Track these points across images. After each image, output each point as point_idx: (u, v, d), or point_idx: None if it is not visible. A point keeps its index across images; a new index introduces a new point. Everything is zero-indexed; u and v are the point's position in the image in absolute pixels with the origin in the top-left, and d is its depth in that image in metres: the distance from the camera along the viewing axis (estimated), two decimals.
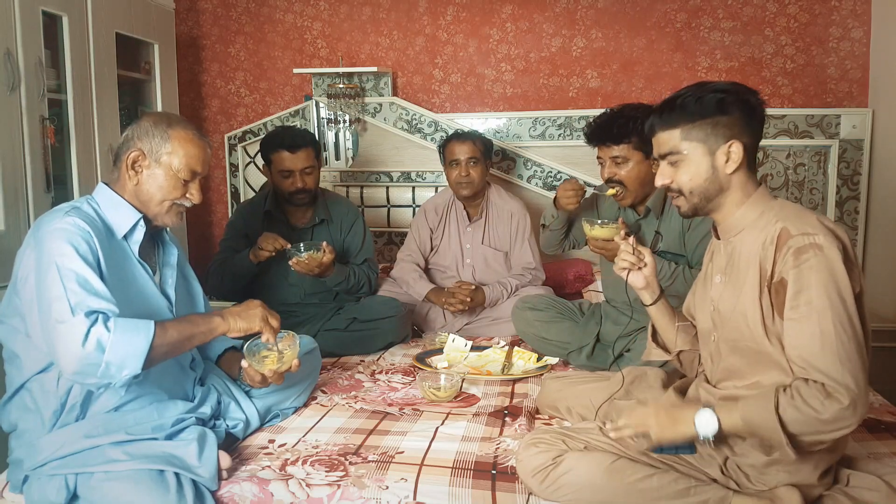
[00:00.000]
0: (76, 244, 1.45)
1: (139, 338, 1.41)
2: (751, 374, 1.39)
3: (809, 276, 1.25)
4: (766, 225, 1.36)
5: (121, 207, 1.60)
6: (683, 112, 1.38)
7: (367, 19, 3.68)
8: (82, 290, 1.41)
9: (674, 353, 1.64)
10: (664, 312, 1.64)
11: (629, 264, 1.61)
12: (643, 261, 1.62)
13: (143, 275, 1.63)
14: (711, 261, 1.54)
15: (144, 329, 1.43)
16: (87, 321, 1.37)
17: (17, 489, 1.51)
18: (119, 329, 1.40)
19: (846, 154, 3.22)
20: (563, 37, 3.52)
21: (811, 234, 1.27)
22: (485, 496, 1.47)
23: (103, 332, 1.38)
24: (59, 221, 1.48)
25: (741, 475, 1.39)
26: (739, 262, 1.39)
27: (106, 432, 1.50)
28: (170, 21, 3.42)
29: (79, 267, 1.43)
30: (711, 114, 1.37)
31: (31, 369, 1.52)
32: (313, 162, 2.62)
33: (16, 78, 2.32)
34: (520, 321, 2.52)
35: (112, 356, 1.38)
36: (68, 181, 2.66)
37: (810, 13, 3.29)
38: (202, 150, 1.65)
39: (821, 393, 1.22)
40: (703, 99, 1.37)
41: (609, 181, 2.21)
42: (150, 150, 1.60)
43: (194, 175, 1.64)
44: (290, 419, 1.89)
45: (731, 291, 1.41)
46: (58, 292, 1.40)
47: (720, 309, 1.44)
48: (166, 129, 1.61)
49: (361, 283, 2.71)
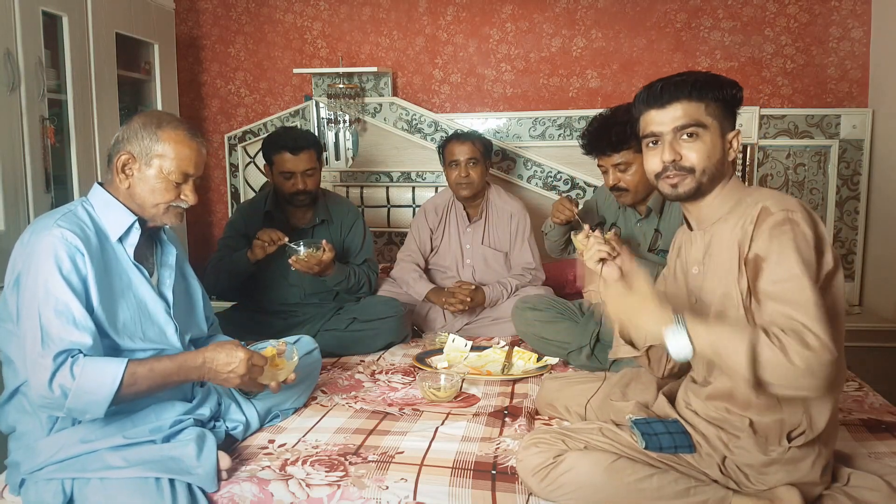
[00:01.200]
0: (60, 263, 1.43)
1: (105, 387, 1.39)
2: None
3: (785, 245, 1.27)
4: (746, 209, 1.38)
5: (115, 210, 1.58)
6: (710, 88, 1.39)
7: (367, 19, 3.68)
8: (58, 321, 1.39)
9: (642, 348, 1.61)
10: None
11: (604, 253, 1.56)
12: (616, 250, 1.58)
13: (138, 277, 1.60)
14: (679, 255, 1.54)
15: (111, 376, 1.40)
16: (53, 365, 1.37)
17: (16, 491, 1.51)
18: (85, 376, 1.38)
19: (846, 154, 3.22)
20: (563, 37, 3.52)
21: (791, 210, 1.30)
22: (485, 496, 1.47)
23: (68, 379, 1.37)
24: (48, 234, 1.45)
25: (740, 475, 1.39)
26: (719, 250, 1.40)
27: (103, 436, 1.49)
28: (170, 21, 3.42)
29: (60, 291, 1.41)
30: (728, 99, 1.41)
31: (25, 373, 1.50)
32: (315, 164, 2.62)
33: (16, 78, 2.32)
34: (520, 321, 2.52)
35: (74, 403, 1.38)
36: (68, 181, 2.66)
37: (810, 13, 3.29)
38: (194, 150, 1.59)
39: (798, 344, 1.19)
40: (723, 83, 1.41)
41: (615, 188, 2.21)
42: (139, 153, 1.56)
43: (186, 177, 1.59)
44: (290, 419, 1.89)
45: (712, 279, 1.41)
46: (33, 321, 1.40)
47: (702, 298, 1.44)
48: (156, 131, 1.56)
49: (361, 283, 2.71)
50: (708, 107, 1.39)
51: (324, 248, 2.43)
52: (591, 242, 1.60)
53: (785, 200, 1.33)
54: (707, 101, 1.39)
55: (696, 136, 1.39)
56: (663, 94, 1.41)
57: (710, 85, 1.40)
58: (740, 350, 1.20)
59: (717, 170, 1.41)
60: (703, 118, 1.39)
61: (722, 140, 1.41)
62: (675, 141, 1.41)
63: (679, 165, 1.40)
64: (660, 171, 1.44)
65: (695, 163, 1.39)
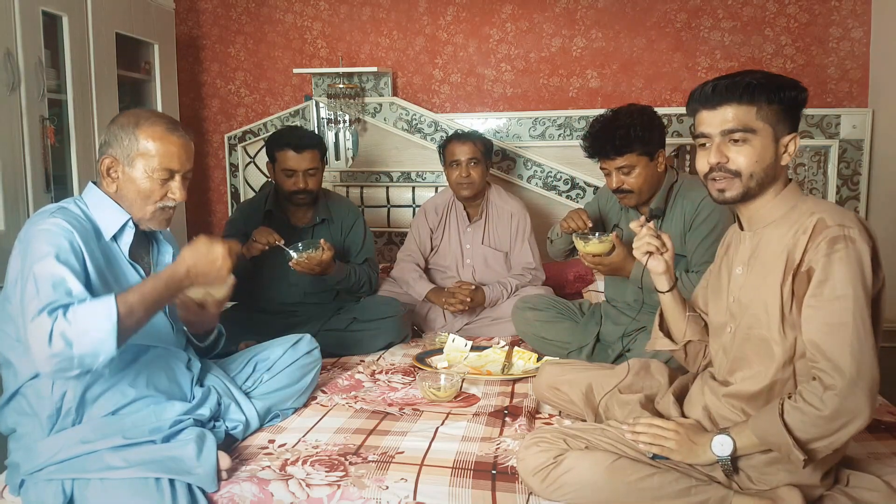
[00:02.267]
0: (56, 245, 1.42)
1: (102, 320, 1.32)
2: (757, 363, 1.40)
3: (838, 265, 1.26)
4: (800, 217, 1.35)
5: (108, 208, 1.57)
6: (765, 91, 1.34)
7: (367, 19, 3.68)
8: (54, 292, 1.36)
9: (681, 343, 1.63)
10: (677, 301, 1.63)
11: (653, 248, 1.59)
12: (665, 245, 1.60)
13: (134, 276, 1.60)
14: (727, 253, 1.53)
15: (106, 309, 1.33)
16: (49, 319, 1.31)
17: (16, 492, 1.51)
18: (80, 317, 1.32)
19: (846, 154, 3.22)
20: (563, 37, 3.52)
21: (847, 226, 1.28)
22: (485, 496, 1.47)
23: (65, 325, 1.30)
24: (43, 223, 1.45)
25: (742, 475, 1.39)
26: (766, 254, 1.39)
27: (103, 437, 1.49)
28: (170, 21, 3.42)
29: (55, 268, 1.38)
30: (787, 101, 1.35)
31: (24, 375, 1.50)
32: (318, 164, 2.62)
33: (16, 78, 2.32)
34: (520, 321, 2.52)
35: (80, 347, 1.31)
36: (68, 181, 2.66)
37: (810, 13, 3.29)
38: (175, 145, 1.56)
39: (819, 387, 1.23)
40: (782, 85, 1.35)
41: (618, 190, 2.21)
42: (121, 155, 1.54)
43: (172, 173, 1.57)
44: (290, 419, 1.89)
45: (754, 281, 1.40)
46: (31, 293, 1.36)
47: (741, 299, 1.43)
48: (134, 130, 1.54)
49: (362, 283, 2.70)
50: (760, 110, 1.34)
51: (322, 248, 2.42)
52: (643, 232, 1.61)
53: (842, 214, 1.30)
54: (760, 104, 1.34)
55: (744, 141, 1.35)
56: (714, 95, 1.37)
57: (765, 87, 1.34)
58: (775, 425, 1.26)
59: (767, 175, 1.36)
60: (754, 122, 1.34)
61: (775, 144, 1.36)
62: (724, 143, 1.37)
63: (725, 168, 1.37)
64: (707, 173, 1.41)
65: (741, 167, 1.36)
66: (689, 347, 1.64)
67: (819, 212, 1.32)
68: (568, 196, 3.44)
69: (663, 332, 1.67)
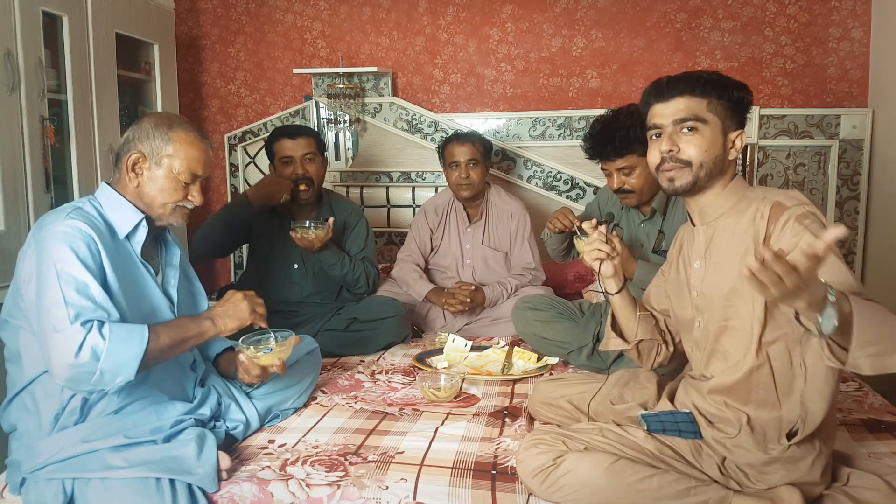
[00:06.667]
0: (76, 248, 1.45)
1: (133, 345, 1.41)
2: (733, 353, 1.42)
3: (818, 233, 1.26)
4: (751, 204, 1.40)
5: (123, 208, 1.60)
6: (715, 87, 1.41)
7: (367, 19, 3.68)
8: (80, 297, 1.41)
9: (633, 342, 1.65)
10: (627, 302, 1.66)
11: (604, 254, 1.61)
12: (615, 249, 1.62)
13: (145, 275, 1.63)
14: (681, 252, 1.56)
15: (139, 336, 1.43)
16: (82, 330, 1.37)
17: (17, 490, 1.51)
18: (114, 336, 1.40)
19: (846, 154, 3.22)
20: (563, 37, 3.52)
21: (805, 204, 1.33)
22: (485, 496, 1.47)
23: (98, 340, 1.38)
24: (61, 224, 1.47)
25: (741, 475, 1.39)
26: (723, 244, 1.43)
27: (104, 436, 1.49)
28: (170, 21, 3.42)
29: (78, 272, 1.43)
30: (734, 100, 1.42)
31: (35, 370, 1.51)
32: (314, 150, 2.64)
33: (16, 78, 2.32)
34: (520, 321, 2.52)
35: (107, 364, 1.38)
36: (68, 181, 2.66)
37: (810, 13, 3.29)
38: (203, 152, 1.64)
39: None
40: (730, 85, 1.43)
41: (619, 190, 2.21)
42: (150, 153, 1.59)
43: (195, 178, 1.64)
44: (290, 419, 1.89)
45: (717, 273, 1.43)
46: (55, 298, 1.40)
47: (705, 292, 1.46)
48: (167, 132, 1.60)
49: (359, 276, 2.69)
50: (710, 104, 1.41)
51: (329, 227, 2.49)
52: (593, 237, 1.62)
53: (795, 195, 1.36)
54: (710, 98, 1.41)
55: (695, 130, 1.41)
56: (668, 89, 1.44)
57: (715, 83, 1.42)
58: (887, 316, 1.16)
59: (716, 166, 1.42)
60: (704, 113, 1.41)
61: (723, 137, 1.42)
62: (675, 133, 1.43)
63: (676, 157, 1.43)
64: (659, 163, 1.46)
65: (692, 156, 1.41)
66: (642, 346, 1.67)
67: (771, 196, 1.38)
68: (568, 196, 3.44)
69: (616, 332, 1.70)
